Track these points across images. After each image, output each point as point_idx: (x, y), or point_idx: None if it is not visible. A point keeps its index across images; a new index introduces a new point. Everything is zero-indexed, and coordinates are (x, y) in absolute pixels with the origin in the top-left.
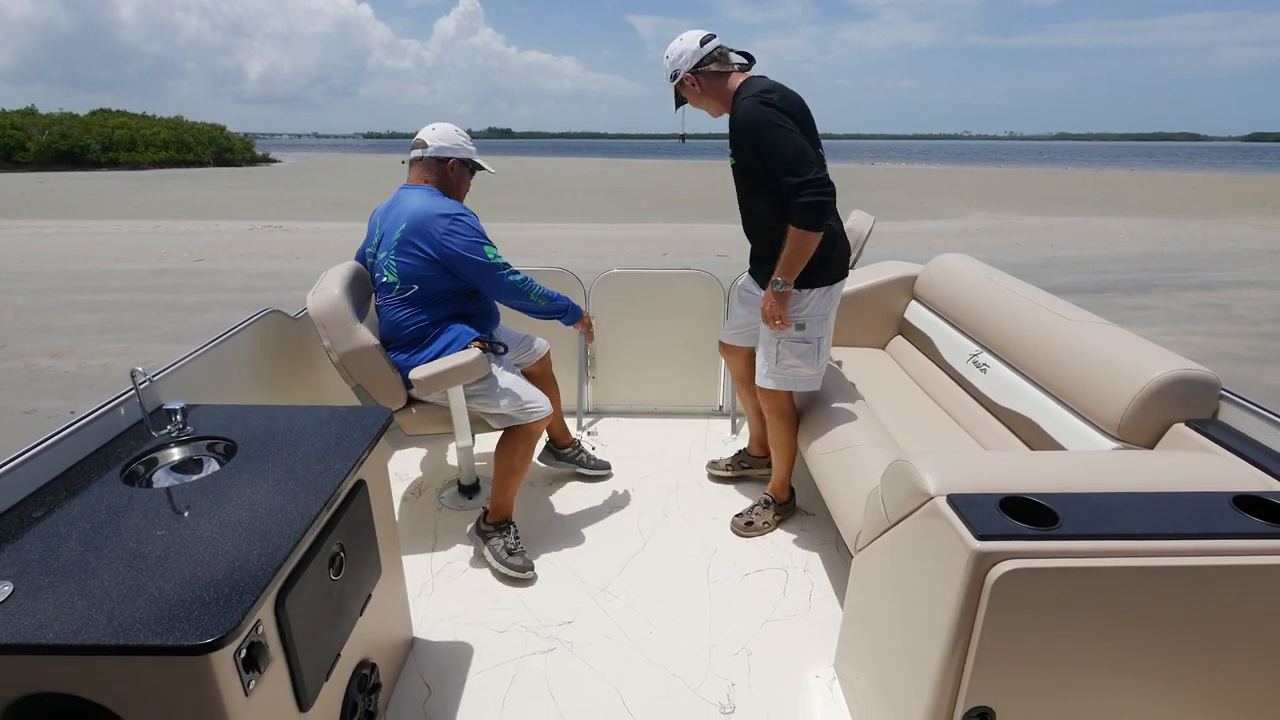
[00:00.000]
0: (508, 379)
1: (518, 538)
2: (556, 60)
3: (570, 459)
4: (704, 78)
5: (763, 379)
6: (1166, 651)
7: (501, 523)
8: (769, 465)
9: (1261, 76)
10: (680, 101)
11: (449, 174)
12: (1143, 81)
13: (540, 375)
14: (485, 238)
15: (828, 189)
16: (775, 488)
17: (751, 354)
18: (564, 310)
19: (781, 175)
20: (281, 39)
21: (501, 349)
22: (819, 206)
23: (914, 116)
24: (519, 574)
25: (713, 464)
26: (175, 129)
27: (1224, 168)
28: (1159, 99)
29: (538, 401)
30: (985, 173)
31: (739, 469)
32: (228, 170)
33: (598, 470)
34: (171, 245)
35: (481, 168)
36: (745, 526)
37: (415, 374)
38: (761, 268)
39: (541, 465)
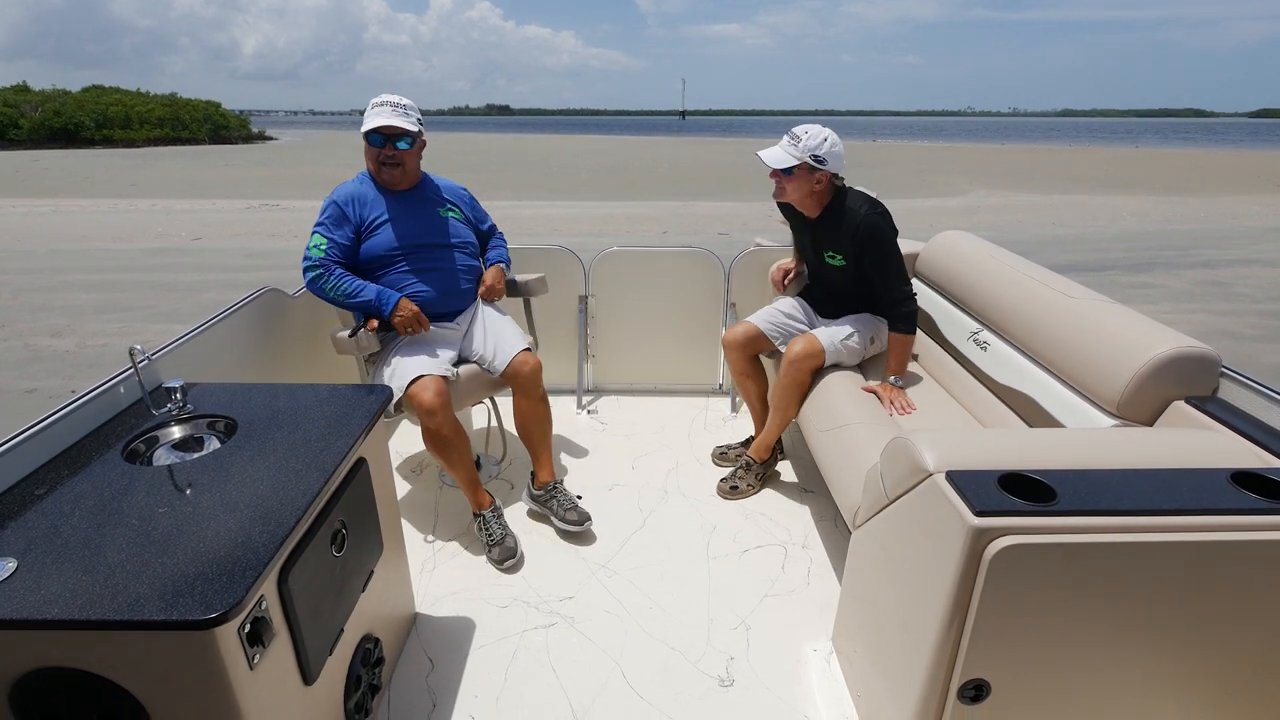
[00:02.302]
0: (397, 358)
1: (489, 531)
2: (555, 35)
3: (540, 501)
4: (831, 182)
5: (828, 343)
6: (1163, 626)
7: (475, 515)
8: (775, 461)
9: (1269, 52)
10: (786, 173)
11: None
12: (1148, 57)
13: (518, 391)
14: (319, 224)
15: (915, 300)
16: (759, 449)
17: (755, 349)
18: (367, 306)
19: (894, 283)
20: (276, 13)
21: (390, 333)
22: (914, 315)
23: (917, 93)
24: (498, 567)
25: (734, 490)
26: (170, 106)
27: (1229, 144)
28: (1164, 75)
29: (401, 381)
30: (988, 149)
31: (756, 484)
32: (224, 148)
33: (567, 525)
34: (169, 224)
35: (367, 131)
36: (731, 490)
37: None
38: (824, 309)
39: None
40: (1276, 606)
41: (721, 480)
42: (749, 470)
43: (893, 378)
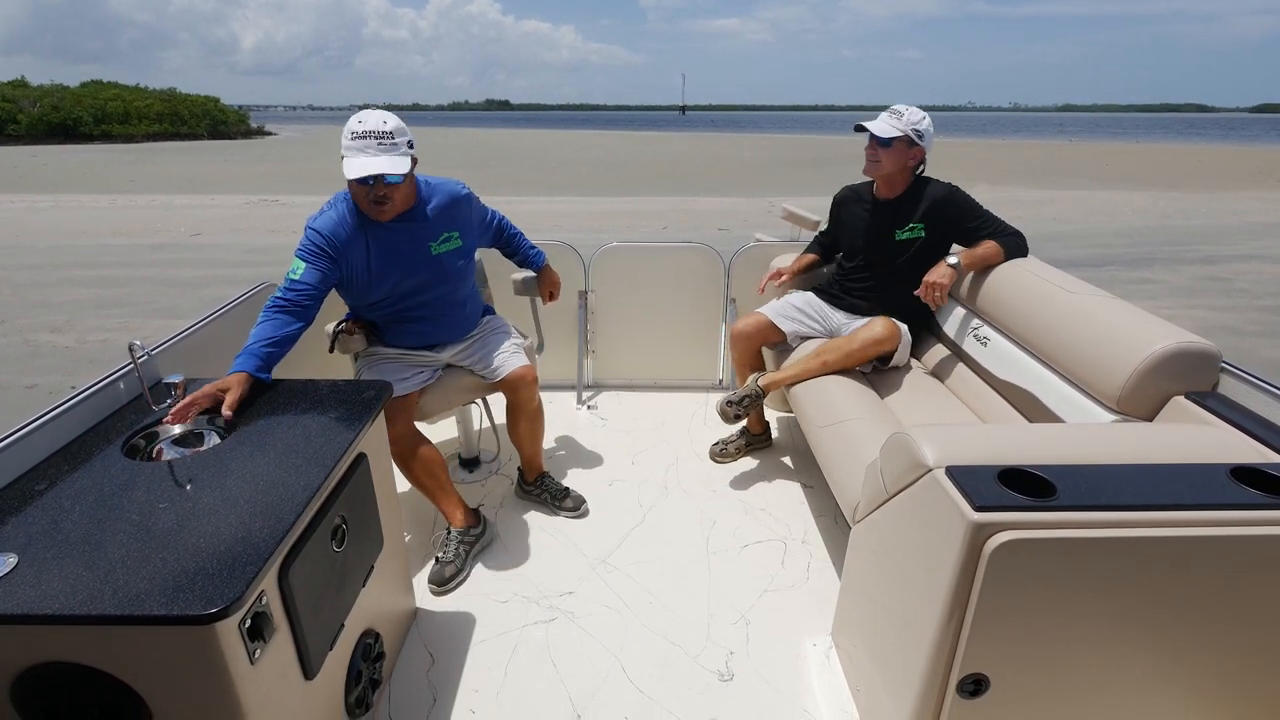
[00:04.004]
0: (379, 365)
1: (445, 548)
2: (555, 30)
3: (533, 495)
4: (923, 158)
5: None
6: (1161, 621)
7: (447, 526)
8: (768, 440)
9: (1270, 46)
10: (885, 144)
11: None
12: (1149, 52)
13: (513, 404)
14: (300, 249)
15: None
16: (771, 383)
17: (764, 340)
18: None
19: (1000, 223)
20: (275, 7)
21: (374, 338)
22: (1019, 250)
23: (918, 88)
24: (429, 583)
25: (722, 452)
26: (169, 101)
27: (1230, 140)
28: (1166, 70)
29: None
30: (988, 145)
31: (745, 450)
32: (223, 143)
33: (565, 512)
34: (168, 220)
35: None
36: (735, 418)
37: None
38: (853, 306)
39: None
40: (1276, 602)
41: (728, 404)
42: (755, 399)
43: (954, 259)
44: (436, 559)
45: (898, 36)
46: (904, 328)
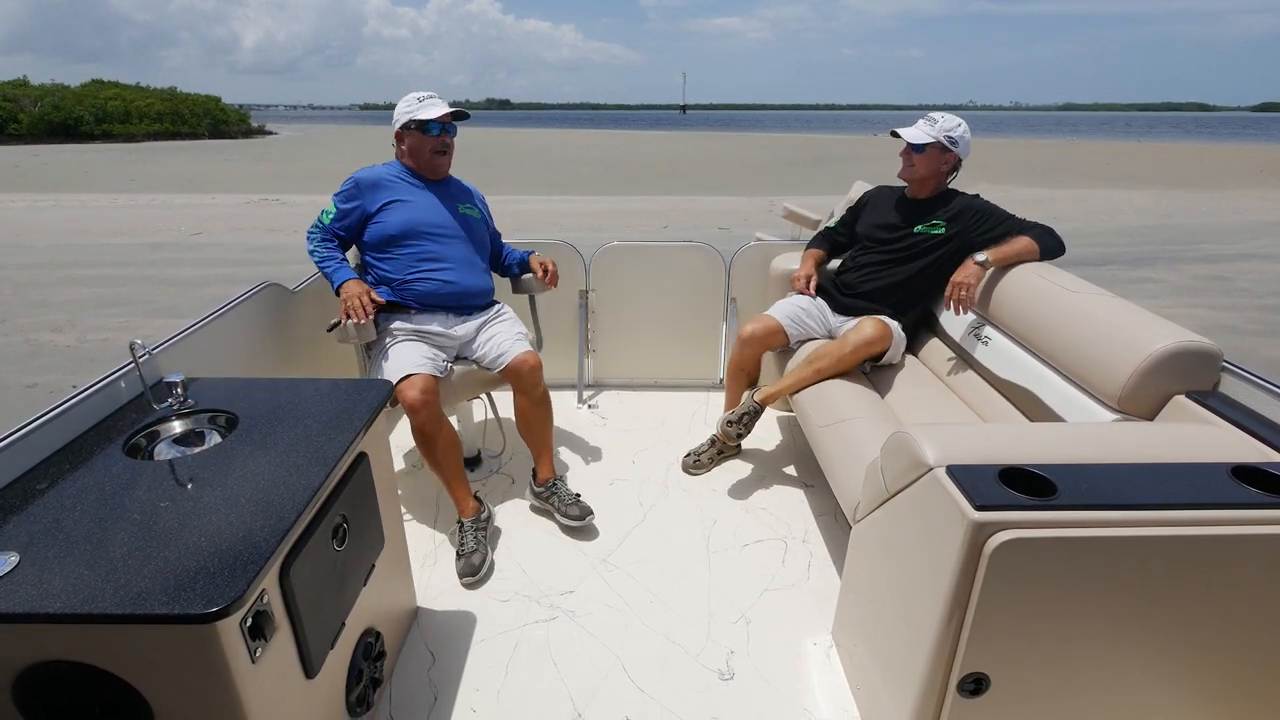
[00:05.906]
0: (393, 349)
1: (462, 541)
2: (555, 28)
3: (542, 498)
4: (957, 164)
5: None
6: (1162, 620)
7: (457, 520)
8: (738, 448)
9: (1272, 45)
10: (918, 150)
11: (400, 146)
12: (1151, 51)
13: (519, 391)
14: (336, 194)
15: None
16: (767, 396)
17: (771, 344)
18: (326, 276)
19: (1026, 222)
20: (276, 6)
21: (383, 318)
22: (1057, 247)
23: (918, 86)
24: (459, 580)
25: (695, 464)
26: (170, 100)
27: (1231, 139)
28: (1167, 69)
29: (391, 377)
30: (989, 144)
31: (718, 459)
32: (223, 143)
33: (569, 520)
34: (169, 219)
35: (427, 121)
36: (733, 435)
37: None
38: (851, 306)
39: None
40: (1276, 601)
41: (729, 424)
42: (754, 417)
43: (983, 256)
44: (459, 553)
45: (898, 35)
46: (896, 326)
